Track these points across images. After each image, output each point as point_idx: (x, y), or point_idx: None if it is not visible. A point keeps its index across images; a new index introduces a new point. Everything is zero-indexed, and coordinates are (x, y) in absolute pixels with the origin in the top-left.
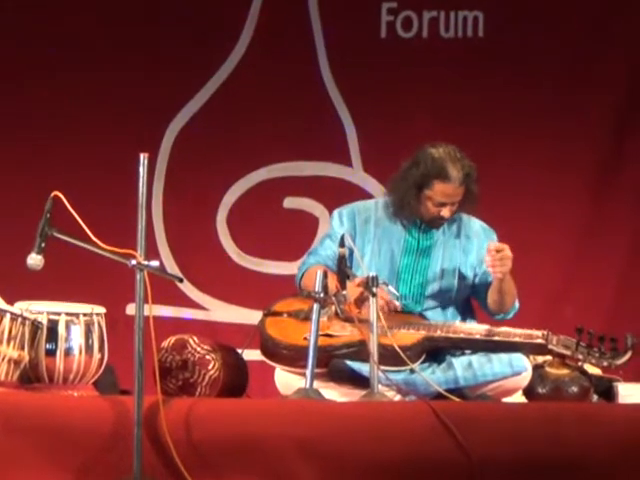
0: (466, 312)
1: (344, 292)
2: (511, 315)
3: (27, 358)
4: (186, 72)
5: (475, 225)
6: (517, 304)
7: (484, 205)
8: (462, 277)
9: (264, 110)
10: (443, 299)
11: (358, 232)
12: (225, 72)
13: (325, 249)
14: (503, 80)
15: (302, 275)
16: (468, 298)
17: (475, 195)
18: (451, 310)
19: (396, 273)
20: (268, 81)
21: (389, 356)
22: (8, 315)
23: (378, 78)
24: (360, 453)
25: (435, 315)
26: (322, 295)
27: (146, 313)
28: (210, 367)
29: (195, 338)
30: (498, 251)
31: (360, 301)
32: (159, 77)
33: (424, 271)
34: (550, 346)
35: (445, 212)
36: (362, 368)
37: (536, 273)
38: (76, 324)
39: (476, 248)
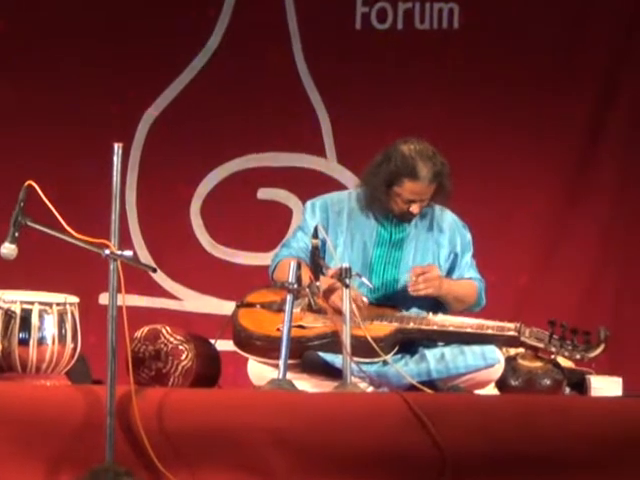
0: (438, 304)
1: (317, 283)
2: (476, 310)
3: (0, 347)
4: (160, 62)
5: (448, 217)
6: (482, 300)
7: (455, 192)
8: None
9: (238, 101)
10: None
11: (331, 224)
12: (200, 62)
13: (298, 241)
14: (478, 72)
15: (275, 267)
16: None
17: (447, 191)
18: (424, 302)
19: (368, 265)
20: (242, 72)
21: (362, 348)
22: None
23: (353, 69)
24: (333, 444)
25: (408, 307)
26: (295, 286)
27: (119, 303)
28: (183, 357)
29: (168, 328)
30: (420, 274)
31: (330, 292)
32: (133, 67)
33: (397, 263)
34: (523, 338)
35: (414, 208)
36: (335, 360)
37: (508, 264)
38: (49, 314)
39: (448, 241)
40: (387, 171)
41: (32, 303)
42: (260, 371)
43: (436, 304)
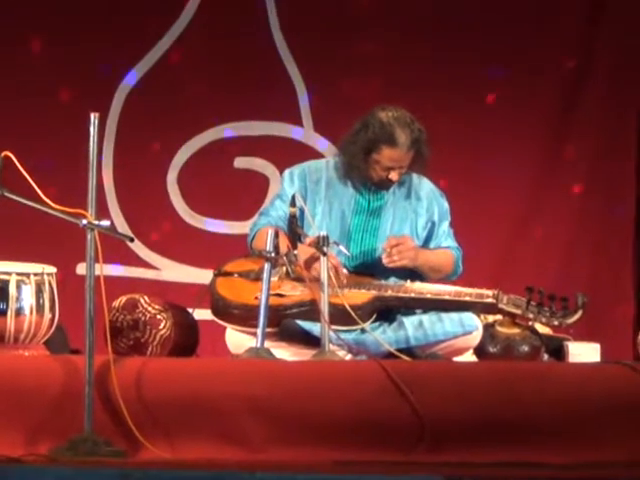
0: (416, 273)
1: (295, 252)
2: (454, 278)
3: None
4: (137, 32)
5: (426, 186)
6: (459, 268)
7: (434, 165)
8: (412, 237)
9: (215, 70)
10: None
11: (309, 192)
12: (176, 32)
13: (276, 210)
14: (455, 41)
15: (253, 236)
16: None
17: (425, 158)
18: (402, 271)
19: (347, 233)
20: (219, 40)
21: (340, 316)
22: None
23: (329, 38)
24: (311, 412)
25: (386, 275)
26: (273, 254)
27: (97, 273)
28: (161, 326)
29: (146, 298)
30: (394, 245)
31: (310, 262)
32: (110, 37)
33: (375, 231)
34: (500, 305)
35: (393, 175)
36: (313, 328)
37: (487, 232)
38: (27, 284)
39: (425, 209)
40: (365, 139)
41: (9, 274)
42: (238, 340)
43: (414, 272)
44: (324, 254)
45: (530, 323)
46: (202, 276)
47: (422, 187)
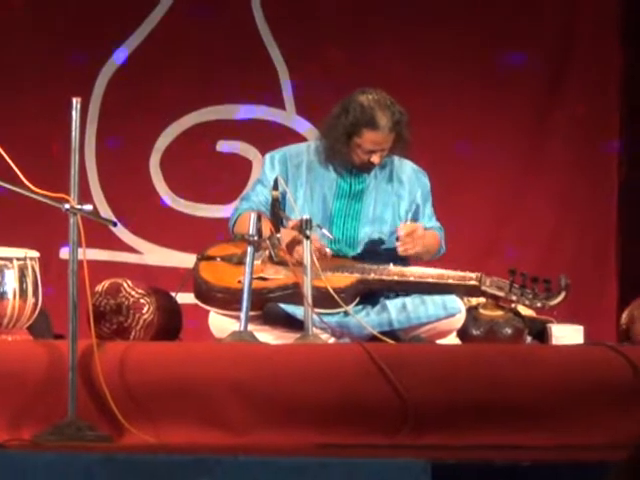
0: (398, 256)
1: (278, 235)
2: (436, 257)
3: None
4: (118, 16)
5: (407, 168)
6: (442, 249)
7: (417, 146)
8: (394, 221)
9: (196, 53)
10: (376, 243)
11: (290, 176)
12: (158, 15)
13: (257, 194)
14: (439, 27)
15: (235, 221)
16: None
17: (406, 140)
18: (384, 254)
19: (329, 217)
20: (201, 24)
21: (323, 299)
22: None
23: (310, 20)
24: (295, 395)
25: (368, 258)
26: (256, 238)
27: (80, 257)
28: (144, 311)
29: (129, 282)
30: (409, 234)
31: (292, 245)
32: (91, 21)
33: (357, 215)
34: (483, 288)
35: (375, 158)
36: (296, 311)
37: (470, 215)
38: (10, 268)
39: (408, 192)
40: (346, 122)
41: None
42: (221, 323)
43: (396, 256)
44: (307, 237)
45: (513, 305)
46: (185, 260)
47: (404, 169)
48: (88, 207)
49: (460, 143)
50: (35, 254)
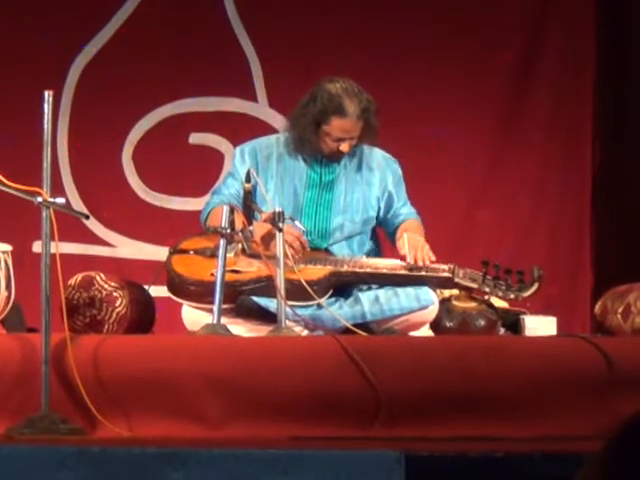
0: (371, 247)
1: (250, 228)
2: None
3: None
4: (90, 8)
5: (377, 156)
6: (423, 232)
7: (388, 132)
8: (366, 210)
9: (168, 45)
10: (348, 233)
11: (260, 169)
12: (130, 7)
13: (228, 188)
14: (408, 15)
15: (207, 215)
16: (374, 231)
17: (375, 128)
18: (356, 244)
19: (300, 208)
20: (172, 15)
21: (296, 291)
22: None
23: (283, 12)
24: (268, 388)
25: (340, 249)
26: (228, 231)
27: (52, 250)
28: (117, 304)
29: (102, 275)
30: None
31: (266, 238)
32: (62, 14)
33: (328, 205)
34: (457, 279)
35: (344, 147)
36: (269, 304)
37: (442, 207)
38: None
39: (378, 180)
40: (314, 111)
41: None
42: (194, 316)
43: (368, 247)
44: (280, 230)
45: (486, 297)
46: (158, 253)
47: (373, 157)
48: (61, 200)
49: (430, 131)
50: (8, 247)
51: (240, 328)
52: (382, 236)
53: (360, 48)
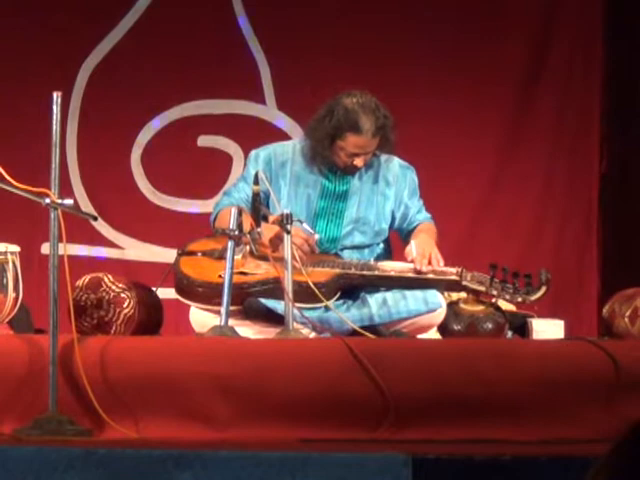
0: (382, 250)
1: (259, 230)
2: None
3: None
4: (100, 9)
5: (394, 166)
6: (435, 236)
7: (399, 138)
8: (379, 223)
9: (178, 48)
10: (359, 243)
11: (274, 176)
12: (140, 9)
13: (239, 191)
14: (417, 18)
15: (216, 216)
16: (386, 241)
17: (391, 142)
18: (367, 251)
19: (312, 216)
20: (182, 18)
21: (304, 293)
22: None
23: (291, 14)
24: (276, 390)
25: (350, 255)
26: (236, 232)
27: (61, 252)
28: (125, 305)
29: (110, 276)
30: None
31: (275, 240)
32: (73, 15)
33: (340, 214)
34: (464, 282)
35: (358, 162)
36: (277, 306)
37: (450, 210)
38: None
39: (394, 193)
40: (330, 125)
41: None
42: (202, 318)
43: (378, 256)
44: (288, 232)
45: (494, 300)
46: (166, 255)
47: (390, 169)
48: (69, 202)
49: (438, 135)
50: (16, 248)
51: (248, 330)
52: (393, 238)
53: (368, 51)
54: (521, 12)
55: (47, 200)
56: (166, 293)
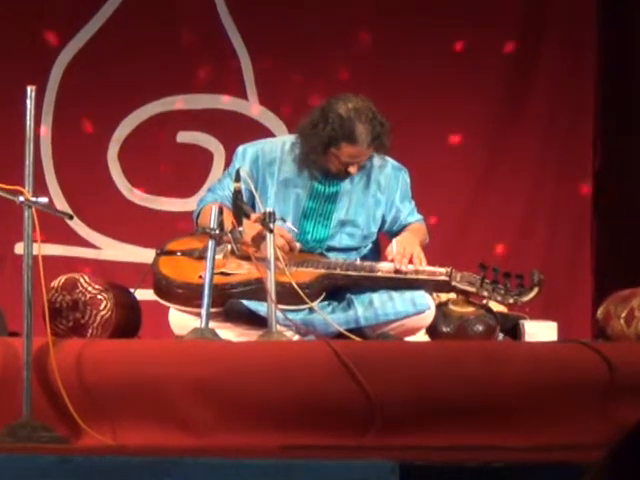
0: (369, 250)
1: (240, 229)
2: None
3: None
4: (75, 2)
5: (387, 170)
6: (427, 238)
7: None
8: (368, 227)
9: (155, 42)
10: (345, 245)
11: (261, 174)
12: (116, 2)
13: (223, 188)
14: (407, 12)
15: (199, 213)
16: (374, 242)
17: (386, 148)
18: (354, 253)
19: (300, 217)
20: (159, 11)
21: (287, 295)
22: None
23: (274, 8)
24: (258, 393)
25: (336, 256)
26: (217, 231)
27: (35, 252)
28: (102, 307)
29: (86, 277)
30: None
31: (257, 239)
32: (47, 8)
33: (329, 216)
34: (454, 283)
35: (352, 169)
36: (259, 308)
37: (440, 209)
38: None
39: (387, 196)
40: (324, 134)
41: None
42: (182, 320)
43: (365, 254)
44: (270, 231)
45: (484, 301)
46: (144, 255)
47: (383, 172)
48: (43, 200)
49: (427, 132)
50: None
51: (229, 332)
52: (382, 239)
53: (354, 45)
54: (513, 6)
55: (21, 198)
56: (144, 294)
